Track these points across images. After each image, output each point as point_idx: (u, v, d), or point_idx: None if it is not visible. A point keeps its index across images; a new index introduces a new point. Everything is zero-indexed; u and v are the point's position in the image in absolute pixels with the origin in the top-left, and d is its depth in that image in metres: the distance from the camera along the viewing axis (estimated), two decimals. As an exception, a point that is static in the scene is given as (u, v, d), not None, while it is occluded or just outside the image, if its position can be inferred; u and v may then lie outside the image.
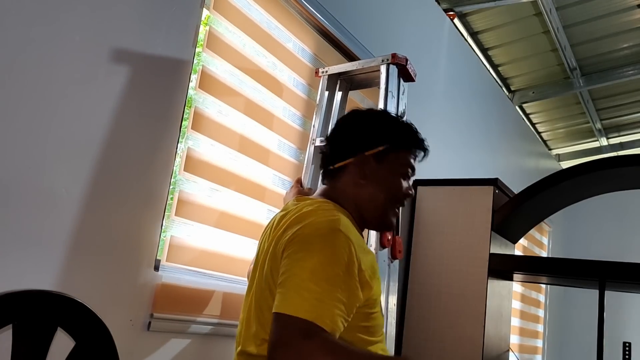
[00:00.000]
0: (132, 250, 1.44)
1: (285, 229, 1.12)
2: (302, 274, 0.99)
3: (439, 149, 3.14)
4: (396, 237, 1.76)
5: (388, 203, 1.25)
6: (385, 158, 1.24)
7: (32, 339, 1.06)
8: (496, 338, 2.57)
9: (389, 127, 1.28)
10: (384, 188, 1.24)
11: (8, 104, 1.19)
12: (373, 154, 1.23)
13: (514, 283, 3.29)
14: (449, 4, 3.33)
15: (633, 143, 5.41)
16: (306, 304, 0.95)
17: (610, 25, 3.69)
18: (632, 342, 2.61)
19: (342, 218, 1.11)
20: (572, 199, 2.68)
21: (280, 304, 0.98)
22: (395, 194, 1.25)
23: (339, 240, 1.04)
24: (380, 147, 1.23)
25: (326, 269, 1.00)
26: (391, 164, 1.24)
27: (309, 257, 1.02)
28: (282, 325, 0.95)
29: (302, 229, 1.07)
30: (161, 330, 1.50)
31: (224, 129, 1.73)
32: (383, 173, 1.24)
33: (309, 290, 0.97)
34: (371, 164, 1.23)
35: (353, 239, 1.06)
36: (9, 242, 1.19)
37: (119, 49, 1.40)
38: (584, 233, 5.80)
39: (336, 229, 1.06)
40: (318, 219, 1.09)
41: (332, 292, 0.98)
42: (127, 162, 1.42)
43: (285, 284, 1.00)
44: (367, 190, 1.23)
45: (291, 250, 1.05)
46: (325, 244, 1.03)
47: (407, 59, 1.87)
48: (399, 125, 1.29)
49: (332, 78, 2.00)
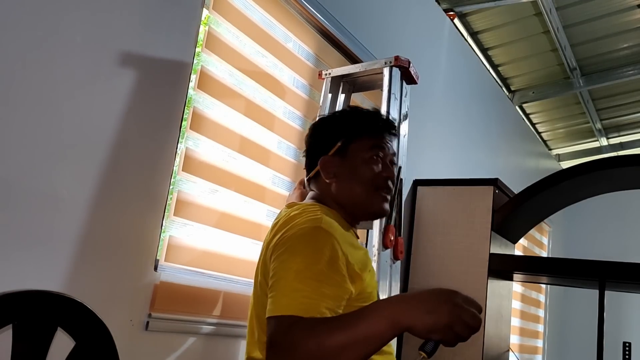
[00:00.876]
0: (132, 250, 1.44)
1: (274, 235, 1.14)
2: (287, 276, 1.00)
3: (439, 149, 3.14)
4: (398, 238, 1.76)
5: (366, 192, 1.25)
6: (346, 152, 1.26)
7: (32, 339, 1.06)
8: (496, 338, 2.57)
9: (340, 122, 1.31)
10: (355, 179, 1.25)
11: (10, 106, 1.19)
12: (334, 152, 1.26)
13: (514, 283, 3.29)
14: (449, 4, 3.33)
15: (633, 143, 5.41)
16: (294, 303, 0.96)
17: (610, 25, 3.69)
18: (632, 342, 2.61)
19: (324, 217, 1.12)
20: (572, 199, 2.68)
21: (270, 307, 0.99)
22: (368, 180, 1.25)
23: (320, 237, 1.05)
24: (338, 143, 1.27)
25: (310, 267, 1.00)
26: (354, 155, 1.26)
27: (292, 258, 1.03)
28: (272, 327, 0.96)
29: (286, 232, 1.09)
30: (159, 330, 1.50)
31: (222, 129, 1.73)
32: (349, 165, 1.26)
33: (295, 290, 0.97)
34: (336, 162, 1.26)
35: (337, 235, 1.07)
36: (9, 242, 1.19)
37: (120, 49, 1.40)
38: (584, 233, 5.80)
39: (317, 227, 1.07)
40: (301, 220, 1.11)
41: (318, 288, 0.98)
42: (127, 162, 1.43)
43: (273, 288, 1.01)
44: (341, 187, 1.25)
45: (277, 254, 1.07)
46: (307, 243, 1.05)
47: (409, 62, 1.88)
48: (346, 117, 1.32)
49: (335, 80, 2.00)
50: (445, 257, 2.58)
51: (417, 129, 2.83)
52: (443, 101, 3.21)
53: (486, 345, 2.40)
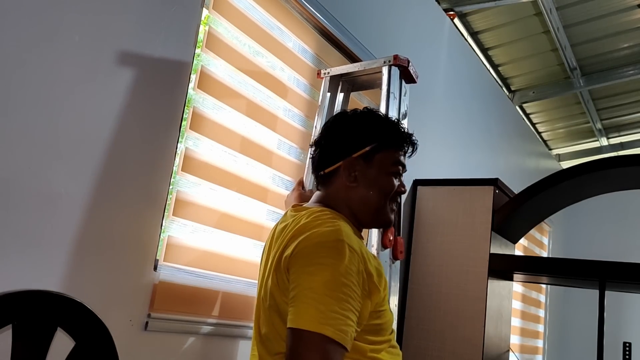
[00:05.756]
0: (131, 250, 1.44)
1: (287, 242, 1.12)
2: (316, 288, 1.00)
3: (439, 149, 3.14)
4: (398, 238, 1.76)
5: (381, 202, 1.25)
6: (374, 158, 1.24)
7: (32, 339, 1.06)
8: (496, 338, 2.57)
9: (374, 126, 1.27)
10: (375, 188, 1.24)
11: (8, 105, 1.19)
12: (361, 155, 1.23)
13: (514, 283, 3.29)
14: (449, 4, 3.33)
15: (633, 143, 5.41)
16: (322, 317, 0.97)
17: (611, 25, 3.69)
18: (632, 342, 2.62)
19: (342, 226, 1.11)
20: (572, 199, 2.68)
21: (295, 317, 0.99)
22: (387, 192, 1.25)
23: (344, 252, 1.05)
24: (367, 147, 1.23)
25: (338, 282, 1.01)
26: (380, 164, 1.25)
27: (319, 271, 1.02)
28: (299, 340, 0.96)
29: (306, 241, 1.08)
30: (159, 330, 1.50)
31: (222, 129, 1.73)
32: (372, 173, 1.24)
33: (324, 304, 0.98)
34: (360, 165, 1.24)
35: (356, 248, 1.08)
36: (9, 242, 1.19)
37: (119, 49, 1.40)
38: (584, 233, 5.80)
39: (340, 240, 1.06)
40: (320, 229, 1.10)
41: (344, 304, 0.99)
42: (127, 162, 1.42)
43: (299, 298, 1.01)
44: (358, 192, 1.24)
45: (299, 265, 1.06)
46: (333, 257, 1.04)
47: (409, 61, 1.87)
48: (384, 124, 1.29)
49: (334, 79, 2.00)
50: (445, 257, 2.58)
51: (417, 128, 2.82)
52: (443, 101, 3.21)
53: (486, 345, 2.40)
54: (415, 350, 2.51)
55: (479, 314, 2.42)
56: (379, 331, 1.14)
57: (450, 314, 2.48)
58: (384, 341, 1.16)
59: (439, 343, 2.46)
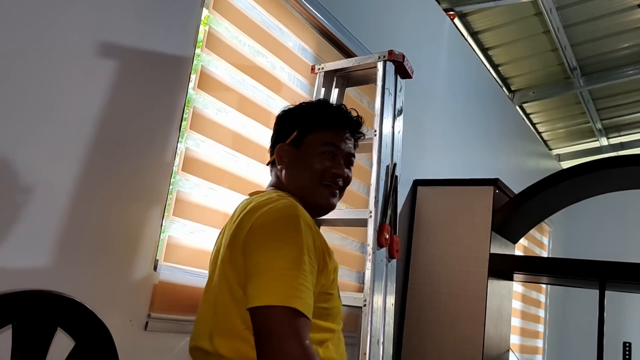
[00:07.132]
0: (131, 250, 1.44)
1: (242, 219, 1.13)
2: (279, 263, 1.01)
3: (439, 149, 3.14)
4: (394, 237, 1.75)
5: (312, 184, 1.25)
6: (302, 142, 1.28)
7: (32, 339, 1.06)
8: (496, 338, 2.57)
9: (301, 112, 1.33)
10: (303, 170, 1.26)
11: (7, 103, 1.19)
12: (291, 141, 1.28)
13: (514, 283, 3.29)
14: (449, 4, 3.33)
15: (633, 143, 5.41)
16: (290, 291, 0.97)
17: (611, 25, 3.69)
18: (632, 342, 2.62)
19: (295, 203, 1.14)
20: (572, 199, 2.68)
21: (260, 295, 0.98)
22: (316, 173, 1.25)
23: (301, 226, 1.06)
24: (293, 133, 1.28)
25: (298, 256, 1.02)
26: (308, 146, 1.27)
27: (279, 247, 1.03)
28: (269, 316, 0.96)
29: (263, 217, 1.09)
30: (159, 330, 1.50)
31: (223, 128, 1.73)
32: (301, 156, 1.27)
33: (290, 277, 0.99)
34: (290, 150, 1.28)
35: (310, 224, 1.11)
36: (8, 242, 1.19)
37: (119, 48, 1.40)
38: (584, 233, 5.80)
39: (296, 215, 1.08)
40: (276, 205, 1.11)
41: (305, 277, 1.01)
42: (127, 161, 1.42)
43: (261, 274, 1.00)
44: (292, 177, 1.27)
45: (258, 241, 1.06)
46: (291, 232, 1.05)
47: (404, 56, 1.86)
48: (309, 108, 1.33)
49: (329, 75, 1.99)
50: (445, 257, 2.58)
51: (417, 128, 2.83)
52: (443, 101, 3.21)
53: (486, 345, 2.40)
54: (415, 350, 2.51)
55: (479, 313, 2.42)
56: (326, 316, 1.13)
57: (450, 314, 2.48)
58: (331, 329, 1.15)
59: (439, 343, 2.46)
